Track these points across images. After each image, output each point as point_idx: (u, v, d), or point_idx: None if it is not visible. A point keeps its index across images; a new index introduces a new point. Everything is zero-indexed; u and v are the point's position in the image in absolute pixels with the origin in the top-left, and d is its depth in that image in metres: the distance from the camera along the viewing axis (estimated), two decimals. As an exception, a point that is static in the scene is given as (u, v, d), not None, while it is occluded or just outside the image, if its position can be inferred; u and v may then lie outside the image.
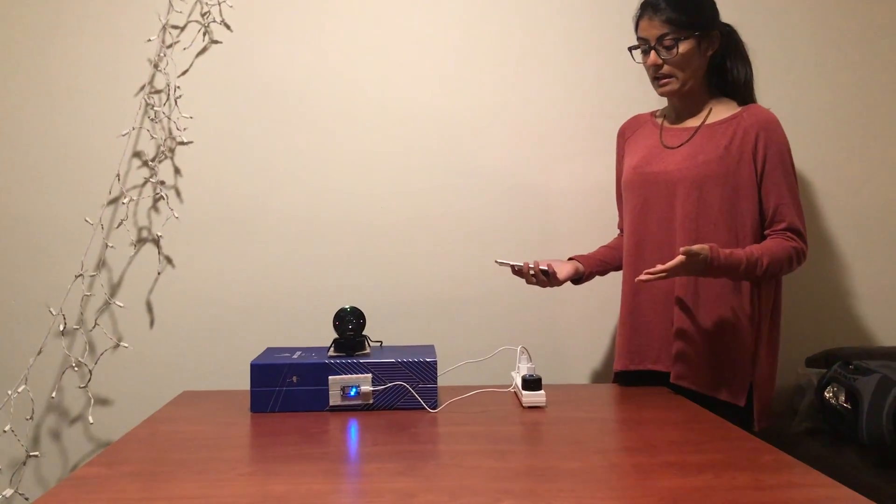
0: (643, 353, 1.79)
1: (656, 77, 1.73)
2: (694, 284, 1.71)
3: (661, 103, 1.94)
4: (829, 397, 1.79)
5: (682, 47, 1.68)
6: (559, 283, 1.81)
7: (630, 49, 1.78)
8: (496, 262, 1.78)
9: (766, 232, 1.70)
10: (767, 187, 1.68)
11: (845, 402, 1.74)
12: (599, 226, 2.19)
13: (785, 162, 1.68)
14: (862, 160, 2.26)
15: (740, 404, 1.68)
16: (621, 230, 1.99)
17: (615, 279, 2.01)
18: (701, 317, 1.70)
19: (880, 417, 1.60)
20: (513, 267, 1.77)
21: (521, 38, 2.22)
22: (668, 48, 1.69)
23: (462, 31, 2.22)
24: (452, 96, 2.22)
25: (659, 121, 1.87)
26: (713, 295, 1.70)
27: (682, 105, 1.80)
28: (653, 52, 1.71)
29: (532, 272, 1.76)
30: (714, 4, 1.74)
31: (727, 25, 1.77)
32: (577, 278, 1.90)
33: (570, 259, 1.91)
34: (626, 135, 1.94)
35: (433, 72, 2.21)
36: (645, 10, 1.71)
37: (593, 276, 1.93)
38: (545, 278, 1.77)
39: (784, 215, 1.67)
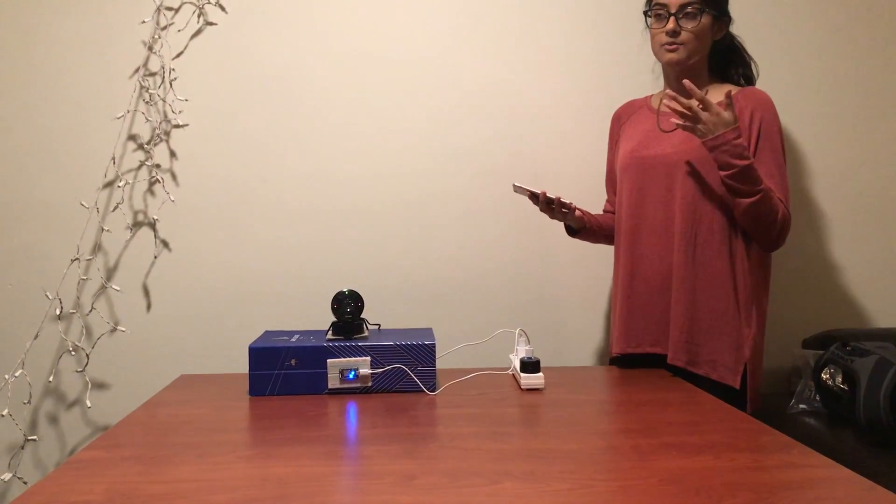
0: (641, 337, 1.79)
1: (668, 43, 1.73)
2: (691, 268, 1.71)
3: (655, 89, 1.93)
4: (826, 379, 1.79)
5: (704, 19, 1.71)
6: (573, 219, 1.81)
7: (645, 13, 1.79)
8: (514, 185, 1.78)
9: None
10: (757, 163, 1.68)
11: (842, 383, 1.74)
12: (592, 206, 2.19)
13: (774, 140, 1.70)
14: (859, 140, 2.25)
15: (736, 387, 1.68)
16: (606, 212, 2.02)
17: (612, 260, 2.01)
18: (696, 300, 1.70)
19: (877, 398, 1.60)
20: (531, 194, 1.76)
21: (516, 19, 2.20)
22: (692, 16, 1.70)
23: (457, 11, 2.20)
24: (449, 78, 2.20)
25: (655, 104, 1.86)
26: (708, 278, 1.70)
27: (680, 85, 1.79)
28: (672, 19, 1.71)
29: (552, 204, 1.75)
30: None
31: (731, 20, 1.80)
32: (578, 228, 1.89)
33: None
34: (622, 119, 1.93)
35: (431, 54, 2.20)
36: None
37: (588, 236, 1.93)
38: (563, 211, 1.76)
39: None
